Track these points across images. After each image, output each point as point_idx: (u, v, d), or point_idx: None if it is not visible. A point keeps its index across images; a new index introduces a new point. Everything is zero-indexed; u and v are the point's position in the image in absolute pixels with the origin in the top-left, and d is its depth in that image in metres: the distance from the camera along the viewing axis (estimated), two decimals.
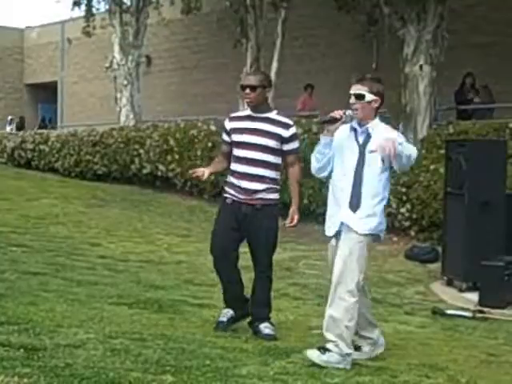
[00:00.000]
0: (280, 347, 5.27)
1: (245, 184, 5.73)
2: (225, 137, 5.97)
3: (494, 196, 9.12)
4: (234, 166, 5.82)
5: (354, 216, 5.09)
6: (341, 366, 4.83)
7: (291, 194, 5.90)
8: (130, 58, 20.68)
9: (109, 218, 13.34)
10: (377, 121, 5.25)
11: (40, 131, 23.34)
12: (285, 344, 5.43)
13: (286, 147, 5.78)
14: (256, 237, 5.76)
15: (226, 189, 5.89)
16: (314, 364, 4.80)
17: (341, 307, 4.95)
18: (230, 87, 18.87)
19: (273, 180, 5.78)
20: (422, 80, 13.67)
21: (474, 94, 15.39)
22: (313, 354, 4.88)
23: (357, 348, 5.25)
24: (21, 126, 27.29)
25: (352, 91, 5.20)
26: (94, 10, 22.33)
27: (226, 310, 5.97)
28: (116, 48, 20.73)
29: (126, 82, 20.61)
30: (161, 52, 25.15)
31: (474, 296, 8.45)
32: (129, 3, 20.87)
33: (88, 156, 18.87)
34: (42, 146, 21.09)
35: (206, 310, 6.78)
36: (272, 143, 5.72)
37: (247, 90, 5.74)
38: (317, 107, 17.67)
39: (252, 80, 5.81)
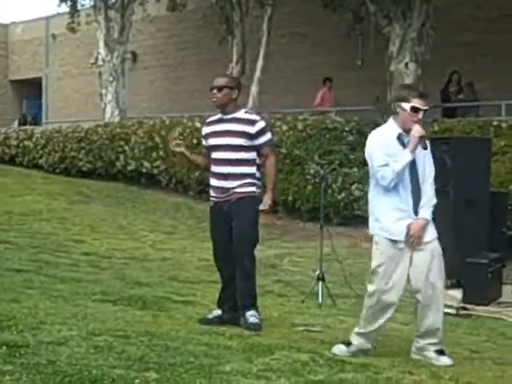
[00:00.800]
0: (264, 344, 5.27)
1: (221, 183, 6.03)
2: (203, 142, 6.32)
3: (478, 193, 9.15)
4: (212, 168, 6.12)
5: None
6: None
7: (266, 180, 6.13)
8: (116, 54, 20.60)
9: (93, 215, 13.30)
10: None
11: (24, 127, 23.24)
12: (269, 341, 5.43)
13: (257, 142, 6.02)
14: (235, 229, 5.97)
15: (210, 192, 6.18)
16: (297, 361, 4.81)
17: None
18: None
19: (249, 175, 6.01)
20: (407, 77, 13.70)
21: (458, 92, 15.44)
22: (446, 360, 5.18)
23: (346, 343, 5.32)
24: (24, 122, 27.34)
25: (423, 107, 5.21)
26: (79, 6, 22.22)
27: (215, 310, 6.21)
28: (101, 44, 20.65)
29: (111, 79, 20.53)
30: (146, 48, 25.07)
31: (458, 293, 8.48)
32: None
33: (73, 152, 18.80)
34: (26, 142, 20.99)
35: (191, 307, 6.78)
36: (241, 141, 5.98)
37: (214, 91, 6.11)
38: (336, 102, 17.22)
39: (218, 81, 6.15)
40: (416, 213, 5.22)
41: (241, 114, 6.10)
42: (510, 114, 13.73)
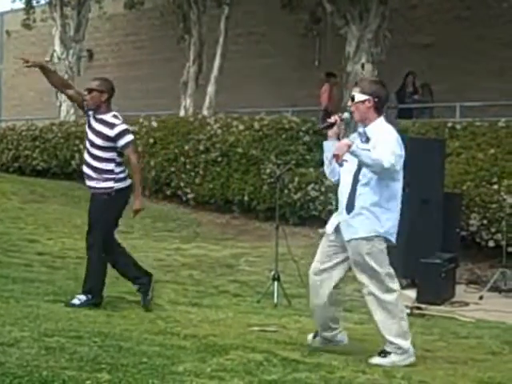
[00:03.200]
0: (218, 344, 5.25)
1: (87, 172, 6.60)
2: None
3: (432, 194, 9.24)
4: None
5: (348, 219, 5.20)
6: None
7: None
8: (71, 51, 20.41)
9: (48, 214, 13.14)
10: (377, 122, 5.24)
11: None
12: (223, 341, 5.41)
13: (118, 144, 6.49)
14: (89, 219, 6.64)
15: None
16: (251, 361, 4.80)
17: None
18: (173, 83, 18.77)
19: (106, 171, 6.49)
20: None
21: (413, 93, 15.57)
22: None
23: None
24: None
25: (353, 94, 5.31)
26: (34, 3, 21.94)
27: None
28: (57, 41, 20.43)
29: (66, 77, 20.30)
30: (103, 46, 24.88)
31: (412, 293, 8.56)
32: None
33: (27, 151, 18.56)
34: None
35: None
36: (100, 141, 6.48)
37: (85, 92, 6.62)
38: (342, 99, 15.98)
39: (90, 84, 6.66)
40: (348, 211, 5.19)
41: (107, 117, 6.53)
42: (465, 115, 13.90)
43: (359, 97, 5.23)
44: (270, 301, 7.62)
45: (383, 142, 5.09)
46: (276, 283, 7.75)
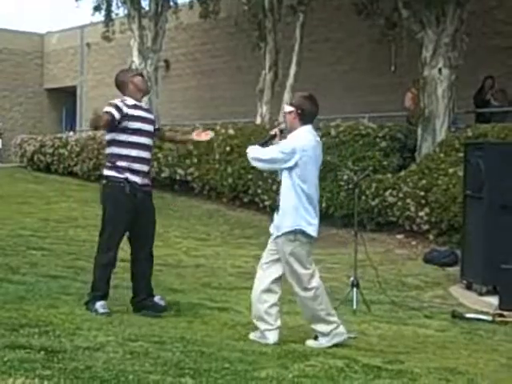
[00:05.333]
0: (299, 350, 5.28)
1: (144, 168, 6.39)
2: (116, 114, 6.20)
3: None
4: (131, 152, 6.27)
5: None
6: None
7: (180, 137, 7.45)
8: (149, 62, 20.75)
9: None
10: (299, 129, 5.73)
11: (59, 135, 23.46)
12: (304, 347, 5.43)
13: (156, 126, 6.60)
14: (148, 219, 6.48)
15: (121, 174, 6.30)
16: (332, 367, 4.81)
17: None
18: (249, 91, 18.89)
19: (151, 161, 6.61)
20: (440, 83, 13.62)
21: (492, 97, 15.30)
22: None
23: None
24: None
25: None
26: (113, 15, 22.41)
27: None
28: (135, 52, 20.82)
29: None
30: (179, 56, 25.20)
31: (493, 299, 8.41)
32: (147, 8, 20.96)
33: None
34: (61, 150, 21.23)
35: (225, 313, 6.81)
36: (152, 128, 6.47)
37: (140, 78, 6.55)
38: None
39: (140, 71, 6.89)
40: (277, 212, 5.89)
41: (141, 103, 6.54)
42: None
43: (286, 108, 5.82)
44: (348, 307, 7.61)
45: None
46: (355, 289, 7.73)
